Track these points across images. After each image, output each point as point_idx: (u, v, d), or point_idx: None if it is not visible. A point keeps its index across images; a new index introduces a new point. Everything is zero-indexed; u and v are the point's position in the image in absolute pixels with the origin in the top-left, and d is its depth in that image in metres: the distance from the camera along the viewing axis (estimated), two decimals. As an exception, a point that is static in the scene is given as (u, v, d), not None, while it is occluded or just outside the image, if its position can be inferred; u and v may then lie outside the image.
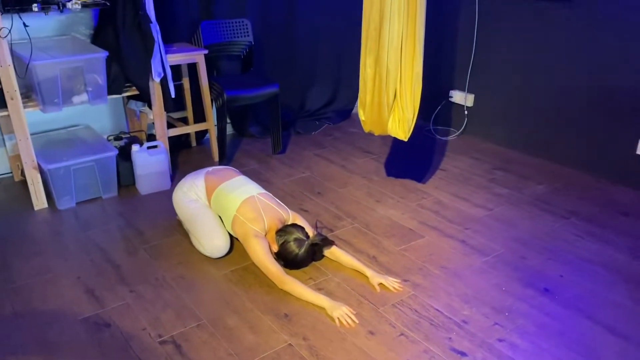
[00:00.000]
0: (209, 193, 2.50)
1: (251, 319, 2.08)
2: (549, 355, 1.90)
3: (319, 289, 2.25)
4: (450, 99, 3.99)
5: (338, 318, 2.05)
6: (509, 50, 3.55)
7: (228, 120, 3.97)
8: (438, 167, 3.46)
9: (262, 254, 2.28)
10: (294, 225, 2.38)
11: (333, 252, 2.42)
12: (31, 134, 2.80)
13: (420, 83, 2.47)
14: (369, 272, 2.31)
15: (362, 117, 2.71)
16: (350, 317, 2.06)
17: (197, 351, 1.91)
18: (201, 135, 3.78)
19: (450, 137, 3.95)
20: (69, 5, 2.70)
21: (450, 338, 1.99)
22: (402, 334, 2.00)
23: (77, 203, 2.93)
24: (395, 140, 3.88)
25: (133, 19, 2.79)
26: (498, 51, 3.61)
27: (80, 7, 2.74)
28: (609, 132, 3.17)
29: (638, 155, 3.06)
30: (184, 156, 3.56)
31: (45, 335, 1.98)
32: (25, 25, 2.58)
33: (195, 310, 2.12)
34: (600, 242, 2.61)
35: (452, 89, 3.97)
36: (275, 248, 2.35)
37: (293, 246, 2.29)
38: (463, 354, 1.91)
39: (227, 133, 3.95)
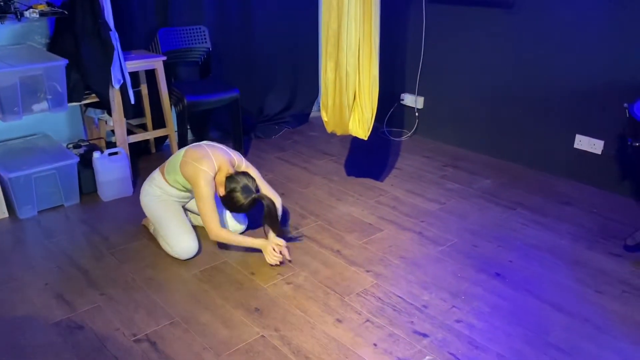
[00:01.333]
0: (163, 172, 2.54)
1: (223, 314, 2.15)
2: (502, 333, 2.07)
3: (287, 283, 2.35)
4: (401, 102, 4.18)
5: (270, 256, 2.32)
6: (455, 54, 3.76)
7: (187, 126, 4.01)
8: (393, 167, 3.62)
9: (208, 201, 2.35)
10: (246, 174, 2.43)
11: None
12: (-11, 143, 2.78)
13: (377, 85, 2.62)
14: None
15: (324, 118, 2.84)
16: (280, 250, 2.33)
17: (173, 347, 1.97)
18: (161, 141, 3.81)
19: (403, 138, 4.13)
20: (26, 14, 2.71)
21: (412, 322, 2.12)
22: (367, 320, 2.13)
23: (38, 211, 2.91)
24: (353, 142, 4.03)
25: (92, 27, 2.82)
26: (445, 55, 3.82)
27: (38, 15, 2.75)
28: (549, 129, 3.42)
29: (576, 149, 3.32)
30: (144, 162, 3.59)
31: (16, 341, 1.99)
32: (-18, 34, 2.58)
33: (167, 309, 2.18)
34: (544, 229, 2.83)
35: (403, 92, 4.15)
36: (221, 192, 2.39)
37: (240, 196, 2.36)
38: (425, 335, 2.05)
39: (188, 138, 3.99)
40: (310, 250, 2.61)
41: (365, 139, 2.73)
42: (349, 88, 2.60)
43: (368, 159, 3.74)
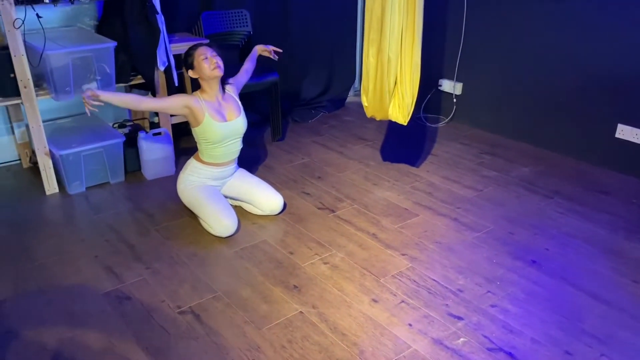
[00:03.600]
0: (197, 157, 2.73)
1: (263, 290, 2.24)
2: (537, 319, 2.09)
3: (324, 263, 2.42)
4: (439, 88, 4.17)
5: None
6: (495, 39, 3.73)
7: (226, 109, 4.10)
8: (429, 153, 3.63)
9: (166, 98, 2.67)
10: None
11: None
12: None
13: (419, 71, 2.64)
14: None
15: (364, 103, 2.87)
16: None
17: (216, 319, 2.07)
18: (201, 123, 3.90)
19: (440, 124, 4.13)
20: (78, -4, 2.81)
21: (447, 305, 2.17)
22: (402, 302, 2.18)
23: (86, 188, 3.05)
24: (389, 128, 4.05)
25: (140, 10, 2.91)
26: (485, 40, 3.79)
27: (88, -2, 2.85)
28: (590, 118, 3.37)
29: (617, 138, 3.27)
30: (186, 142, 3.68)
31: (71, 308, 2.11)
32: (38, 17, 2.69)
33: (210, 284, 2.27)
34: (582, 218, 2.81)
35: (441, 78, 4.14)
36: (205, 70, 2.57)
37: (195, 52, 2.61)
38: (460, 318, 2.09)
39: (226, 121, 4.08)
40: (346, 232, 2.67)
41: (405, 124, 2.76)
42: (390, 74, 2.62)
43: (404, 144, 3.76)
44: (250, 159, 3.42)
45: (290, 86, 4.28)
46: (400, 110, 2.70)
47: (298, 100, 4.36)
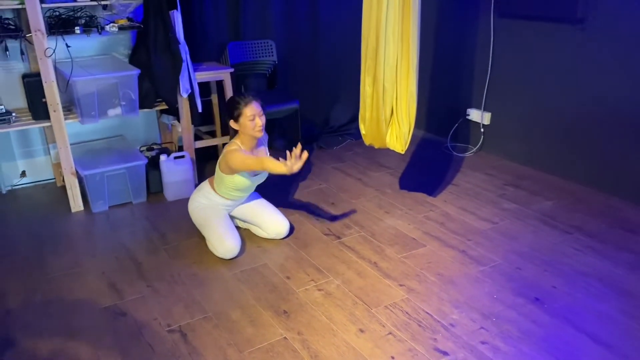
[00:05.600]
0: (212, 184, 2.76)
1: (252, 313, 2.26)
2: (528, 359, 1.99)
3: (319, 289, 2.42)
4: (467, 117, 4.10)
5: (291, 166, 2.31)
6: (524, 69, 3.64)
7: (254, 135, 4.21)
8: (451, 182, 3.57)
9: (240, 156, 2.53)
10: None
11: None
12: (72, 144, 3.12)
13: (415, 100, 2.62)
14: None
15: (362, 131, 2.88)
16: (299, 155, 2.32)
17: (201, 340, 2.11)
18: (228, 147, 4.03)
19: (467, 154, 4.05)
20: (107, 28, 3.01)
21: (435, 339, 2.10)
22: (390, 333, 2.14)
23: (109, 207, 3.21)
24: (413, 156, 4.01)
25: (163, 40, 3.07)
26: (513, 71, 3.71)
27: (117, 29, 3.05)
28: (621, 151, 3.21)
29: (648, 173, 3.09)
30: (211, 166, 3.80)
31: (69, 322, 2.22)
32: (67, 46, 2.90)
33: (203, 305, 2.32)
34: (599, 256, 2.67)
35: (469, 107, 4.08)
36: (245, 125, 2.58)
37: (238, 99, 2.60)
38: (445, 353, 2.03)
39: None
40: (347, 260, 2.66)
41: (402, 152, 2.74)
42: (386, 103, 2.63)
43: (425, 173, 3.72)
44: (268, 183, 3.45)
45: (318, 113, 4.35)
46: (398, 139, 2.69)
47: (326, 127, 4.42)
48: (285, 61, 4.01)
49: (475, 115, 4.04)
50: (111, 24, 3.02)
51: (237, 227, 2.92)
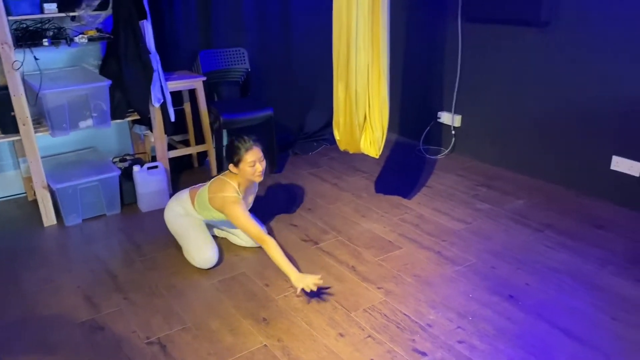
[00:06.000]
0: (193, 201, 2.71)
1: (232, 322, 2.26)
2: (504, 356, 2.04)
3: (297, 296, 2.43)
4: (438, 120, 4.17)
5: (302, 288, 2.25)
6: (491, 72, 3.73)
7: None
8: (424, 185, 3.62)
9: (242, 216, 2.50)
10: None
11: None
12: (43, 157, 3.07)
13: (387, 105, 2.67)
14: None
15: (337, 136, 2.92)
16: (315, 286, 2.27)
17: (181, 351, 2.10)
18: (203, 156, 4.01)
19: (439, 156, 4.12)
20: (76, 39, 2.98)
21: (413, 340, 2.14)
22: (369, 336, 2.16)
23: (83, 220, 3.16)
24: (388, 160, 4.06)
25: (134, 50, 3.05)
26: (482, 74, 3.79)
27: (87, 40, 3.02)
28: (587, 149, 3.31)
29: (613, 170, 3.19)
30: (186, 176, 3.79)
31: (46, 337, 2.19)
32: (35, 59, 2.86)
33: (182, 315, 2.31)
34: (570, 253, 2.74)
35: (440, 110, 4.15)
36: (246, 173, 2.55)
37: (241, 146, 2.56)
38: (424, 354, 2.06)
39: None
40: (325, 265, 2.68)
41: (377, 157, 2.79)
42: (359, 108, 2.67)
43: (400, 176, 3.77)
44: (244, 191, 3.49)
45: (293, 119, 4.37)
46: (372, 144, 2.73)
47: (301, 133, 4.44)
48: (258, 69, 4.02)
49: (446, 118, 4.11)
50: (80, 35, 3.00)
51: (214, 236, 2.91)
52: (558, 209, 3.22)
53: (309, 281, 2.28)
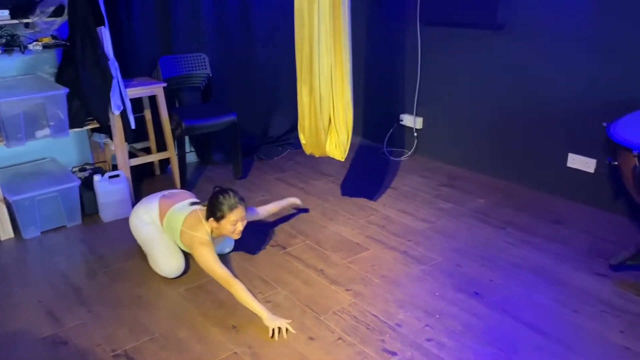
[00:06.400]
0: (162, 216, 2.64)
1: (200, 331, 2.23)
2: (471, 352, 2.08)
3: (267, 301, 2.42)
4: (401, 122, 4.23)
5: (273, 329, 2.19)
6: (450, 74, 3.81)
7: (192, 149, 4.17)
8: (389, 186, 3.67)
9: (209, 259, 2.37)
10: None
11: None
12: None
13: (351, 109, 2.70)
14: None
15: (302, 140, 2.93)
16: (286, 330, 2.20)
17: (148, 362, 2.06)
18: (166, 163, 3.95)
19: (403, 158, 4.18)
20: (30, 46, 2.90)
21: (383, 340, 2.16)
22: (339, 339, 2.17)
23: (42, 232, 3.07)
24: (353, 163, 4.09)
25: (92, 57, 2.98)
26: (441, 76, 3.87)
27: (41, 48, 2.94)
28: (543, 148, 3.41)
29: (569, 167, 3.30)
30: (148, 184, 3.72)
31: (6, 355, 2.11)
32: (-12, 67, 2.76)
33: (149, 326, 2.27)
34: (531, 249, 2.82)
35: (403, 113, 4.21)
36: (226, 231, 2.46)
37: (225, 202, 2.43)
38: (394, 353, 2.08)
39: (192, 161, 4.15)
40: (294, 269, 2.68)
41: (342, 160, 2.81)
42: (324, 112, 2.68)
43: (365, 179, 3.80)
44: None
45: (257, 124, 4.35)
46: (337, 147, 2.75)
47: (265, 138, 4.42)
48: (220, 73, 3.99)
49: (408, 120, 4.18)
50: (34, 43, 2.91)
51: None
52: (518, 206, 3.31)
53: (281, 322, 2.22)
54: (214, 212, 2.44)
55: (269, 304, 2.40)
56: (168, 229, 2.62)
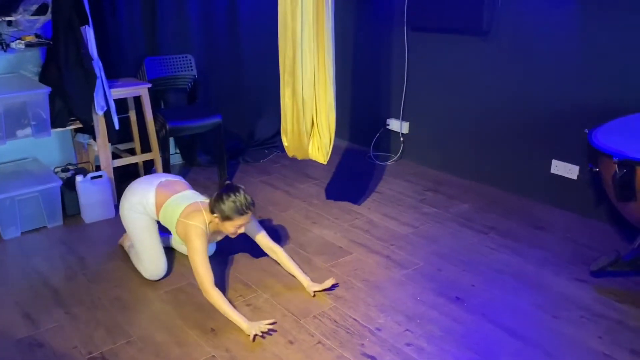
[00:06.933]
0: (158, 208, 2.52)
1: (179, 334, 2.21)
2: (450, 357, 2.08)
3: (247, 305, 2.40)
4: (387, 127, 4.24)
5: (255, 335, 2.17)
6: (436, 79, 3.82)
7: (177, 151, 4.14)
8: (374, 190, 3.67)
9: (198, 259, 2.28)
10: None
11: (279, 256, 2.57)
12: (-23, 167, 2.92)
13: (334, 112, 2.69)
14: (305, 282, 2.48)
15: (285, 143, 2.92)
16: (266, 327, 2.19)
17: (125, 365, 2.04)
18: (150, 165, 3.92)
19: (389, 162, 4.18)
20: (13, 45, 2.87)
21: (363, 344, 2.15)
22: (319, 342, 2.16)
23: (22, 233, 3.03)
24: (338, 166, 4.09)
25: (76, 57, 2.96)
26: (427, 81, 3.88)
27: (24, 46, 2.91)
28: (527, 154, 3.43)
29: (552, 174, 3.32)
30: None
31: (-21, 357, 2.08)
32: (-32, 65, 2.73)
33: (127, 328, 2.24)
34: (513, 254, 2.83)
35: (389, 118, 4.22)
36: (227, 229, 2.38)
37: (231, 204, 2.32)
38: (373, 358, 2.07)
39: (177, 162, 4.12)
40: (276, 273, 2.66)
41: (325, 163, 2.81)
42: (306, 115, 2.68)
43: (350, 182, 3.80)
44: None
45: (243, 127, 4.34)
46: (320, 150, 2.75)
47: (252, 141, 4.41)
48: (206, 75, 3.97)
49: (394, 125, 4.18)
50: (17, 41, 2.89)
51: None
52: (500, 211, 3.32)
53: (261, 326, 2.19)
54: (221, 209, 2.32)
55: (249, 307, 2.39)
56: (164, 220, 2.52)
